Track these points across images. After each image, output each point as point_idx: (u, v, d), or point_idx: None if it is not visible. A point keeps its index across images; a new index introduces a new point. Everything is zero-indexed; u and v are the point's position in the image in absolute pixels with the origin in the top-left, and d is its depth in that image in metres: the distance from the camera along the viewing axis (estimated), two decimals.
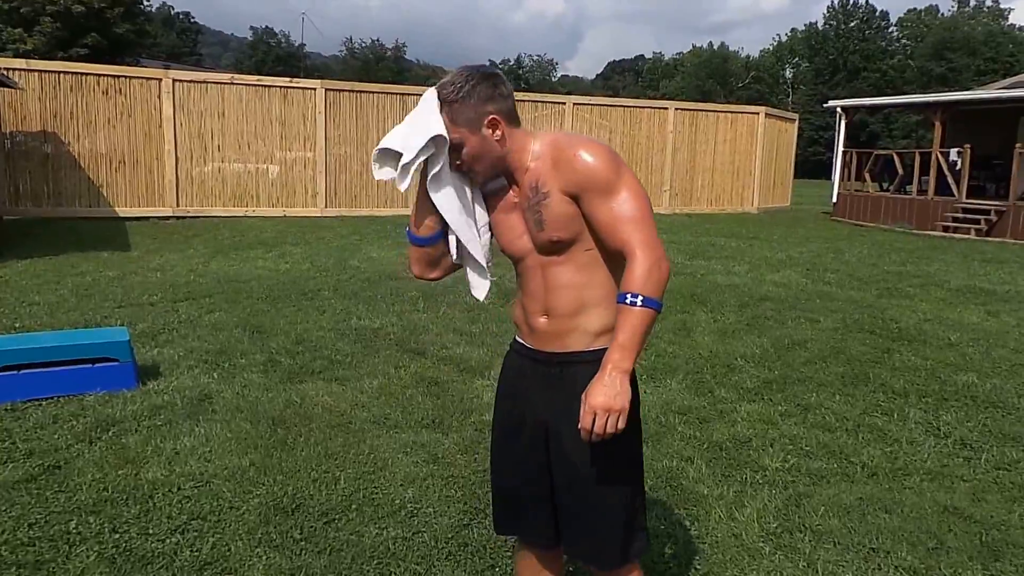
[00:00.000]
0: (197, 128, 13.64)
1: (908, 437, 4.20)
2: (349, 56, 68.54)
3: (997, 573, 2.87)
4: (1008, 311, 7.57)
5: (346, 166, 14.81)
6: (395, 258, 9.70)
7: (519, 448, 2.02)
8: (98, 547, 2.82)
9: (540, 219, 1.86)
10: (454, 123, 1.83)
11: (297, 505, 3.19)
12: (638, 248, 1.77)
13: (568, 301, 1.89)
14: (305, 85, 14.73)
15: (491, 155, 1.88)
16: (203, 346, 5.47)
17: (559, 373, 1.93)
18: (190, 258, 9.35)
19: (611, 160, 1.83)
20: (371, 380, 4.88)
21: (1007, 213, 15.26)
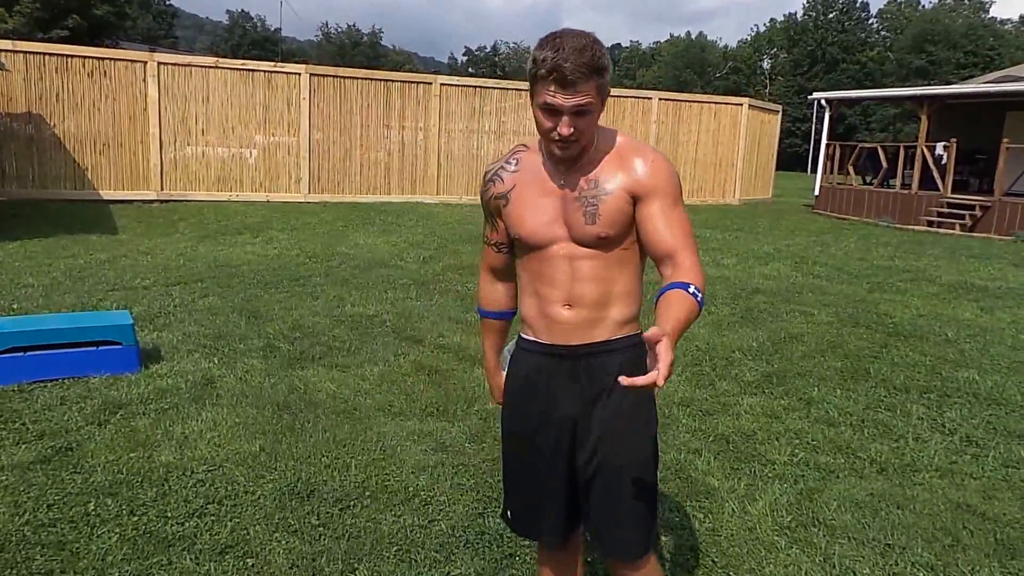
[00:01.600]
0: (181, 112, 13.50)
1: (913, 433, 4.23)
2: (325, 41, 67.99)
3: (1015, 571, 2.89)
4: (1002, 308, 7.67)
5: (329, 152, 14.72)
6: (382, 245, 9.67)
7: (542, 450, 1.98)
8: (119, 529, 2.82)
9: (594, 212, 1.83)
10: (600, 87, 1.75)
11: (311, 491, 3.19)
12: (689, 258, 1.78)
13: (595, 292, 1.88)
14: (289, 70, 14.60)
15: (594, 131, 1.83)
16: (201, 331, 5.43)
17: (586, 365, 1.90)
18: (178, 242, 9.26)
19: (675, 175, 1.86)
20: (371, 367, 4.87)
21: (992, 209, 15.44)
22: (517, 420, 2.04)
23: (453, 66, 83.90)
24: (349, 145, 14.89)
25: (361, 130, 14.96)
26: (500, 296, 2.16)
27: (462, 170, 15.98)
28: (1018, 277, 9.76)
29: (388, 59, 64.12)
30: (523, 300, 2.00)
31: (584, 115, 1.75)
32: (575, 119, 1.74)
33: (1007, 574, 2.88)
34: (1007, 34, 56.25)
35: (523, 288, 1.99)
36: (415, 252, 9.20)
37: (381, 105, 15.07)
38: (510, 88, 16.68)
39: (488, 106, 16.07)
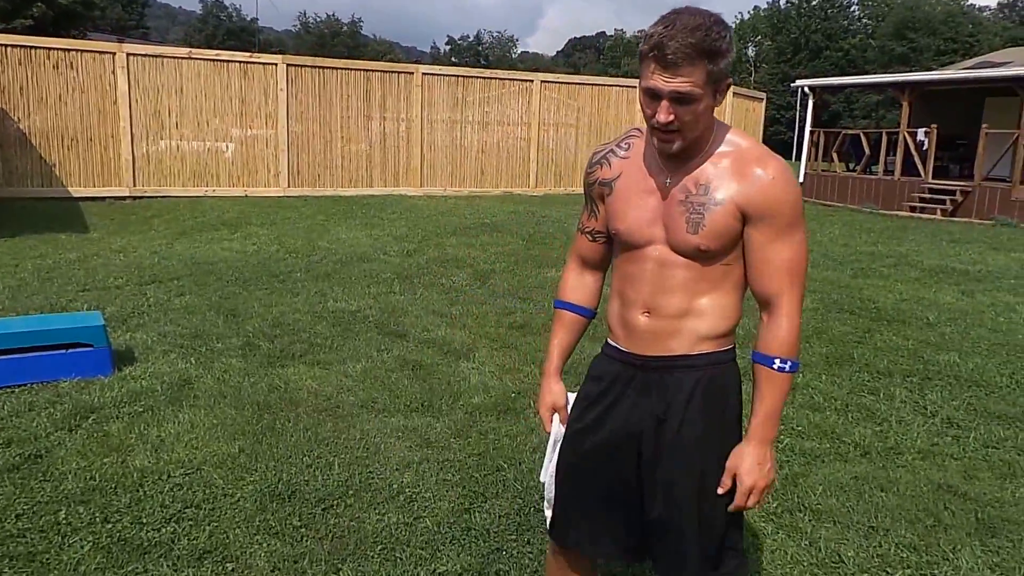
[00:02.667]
0: (153, 105, 13.29)
1: (896, 416, 4.30)
2: (303, 31, 67.49)
3: (995, 549, 2.96)
4: (982, 291, 7.77)
5: (308, 144, 14.59)
6: (364, 239, 9.61)
7: (605, 461, 1.88)
8: (92, 537, 2.77)
9: (699, 222, 1.69)
10: (709, 74, 1.58)
11: (292, 491, 3.16)
12: (788, 305, 1.69)
13: (677, 303, 1.76)
14: (266, 60, 14.43)
15: (705, 125, 1.67)
16: (177, 330, 5.37)
17: (658, 379, 1.80)
18: (152, 239, 9.15)
19: (799, 195, 1.71)
20: (354, 363, 4.83)
21: (972, 193, 15.62)
22: (589, 422, 1.91)
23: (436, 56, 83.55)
24: (329, 137, 14.76)
25: (341, 122, 14.83)
26: (584, 289, 2.03)
27: (445, 161, 15.90)
28: (997, 261, 9.89)
29: (369, 49, 63.66)
30: (610, 305, 1.91)
31: (686, 103, 1.59)
32: (675, 107, 1.60)
33: (987, 552, 2.94)
34: (985, 21, 56.73)
35: (612, 289, 1.90)
36: (398, 245, 9.15)
37: (361, 96, 14.95)
38: (493, 78, 16.62)
39: (471, 96, 15.99)
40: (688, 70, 1.56)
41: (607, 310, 1.92)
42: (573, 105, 16.98)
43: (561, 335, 2.05)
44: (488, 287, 7.15)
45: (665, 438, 1.80)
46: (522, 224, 11.24)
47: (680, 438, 1.79)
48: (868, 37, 60.43)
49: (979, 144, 15.62)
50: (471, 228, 10.69)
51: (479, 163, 16.23)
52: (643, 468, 1.85)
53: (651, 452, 1.82)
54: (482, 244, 9.45)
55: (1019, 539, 3.02)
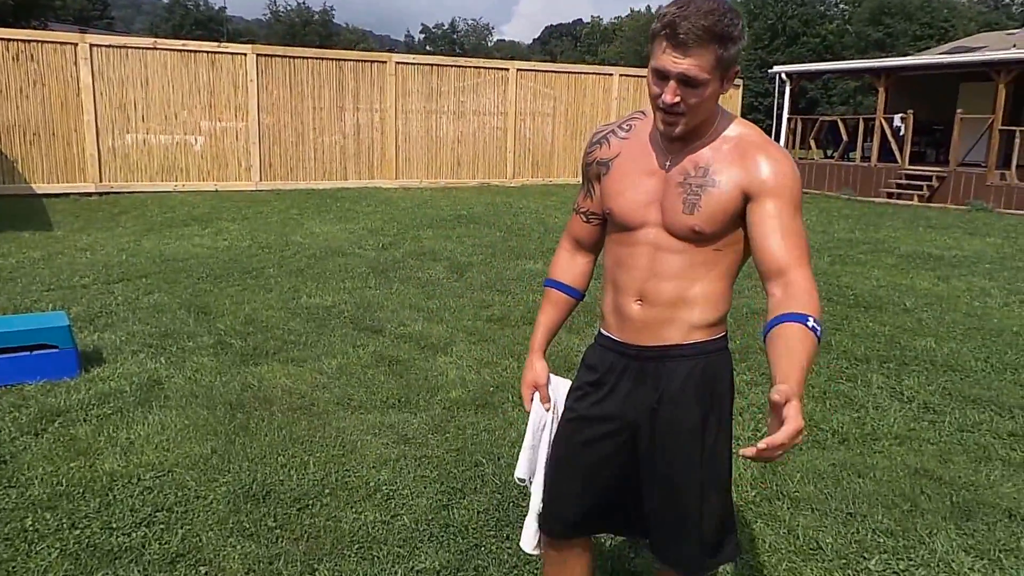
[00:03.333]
0: (118, 97, 13.10)
1: (874, 402, 4.36)
2: (274, 20, 66.85)
3: (970, 532, 3.02)
4: (957, 276, 7.89)
5: (280, 136, 14.46)
6: (339, 233, 9.56)
7: (600, 451, 1.89)
8: (59, 544, 2.74)
9: (695, 203, 1.70)
10: (719, 59, 1.59)
11: (267, 492, 3.15)
12: (804, 277, 1.61)
13: (670, 291, 1.77)
14: (234, 50, 14.27)
15: (709, 111, 1.69)
16: (146, 329, 5.31)
17: (653, 369, 1.82)
18: (119, 236, 9.04)
19: (800, 181, 1.72)
20: (329, 360, 4.82)
21: (948, 179, 15.83)
22: (583, 413, 1.92)
23: (410, 44, 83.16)
24: (302, 129, 14.63)
25: (314, 113, 14.70)
26: (575, 270, 2.05)
27: (421, 153, 15.83)
28: (972, 245, 10.04)
29: (341, 38, 63.27)
30: (603, 293, 1.92)
31: (693, 86, 1.60)
32: (682, 89, 1.61)
33: (963, 535, 3.00)
34: (960, 6, 57.24)
35: (605, 277, 1.91)
36: (374, 239, 9.12)
37: (334, 86, 14.82)
38: (469, 66, 16.54)
39: (446, 85, 15.92)
40: (698, 52, 1.57)
41: (601, 300, 1.93)
42: (550, 94, 16.97)
43: (549, 313, 2.07)
44: (465, 280, 7.14)
45: (660, 427, 1.82)
46: (499, 216, 11.24)
47: (675, 427, 1.81)
48: (845, 23, 60.83)
49: (954, 129, 15.82)
50: (447, 220, 10.67)
51: (455, 154, 16.19)
52: (639, 458, 1.87)
53: (647, 442, 1.84)
54: (459, 236, 9.43)
55: (993, 521, 3.08)
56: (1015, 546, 2.92)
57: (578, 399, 1.95)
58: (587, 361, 1.96)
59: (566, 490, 1.96)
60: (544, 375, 2.06)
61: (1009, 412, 4.24)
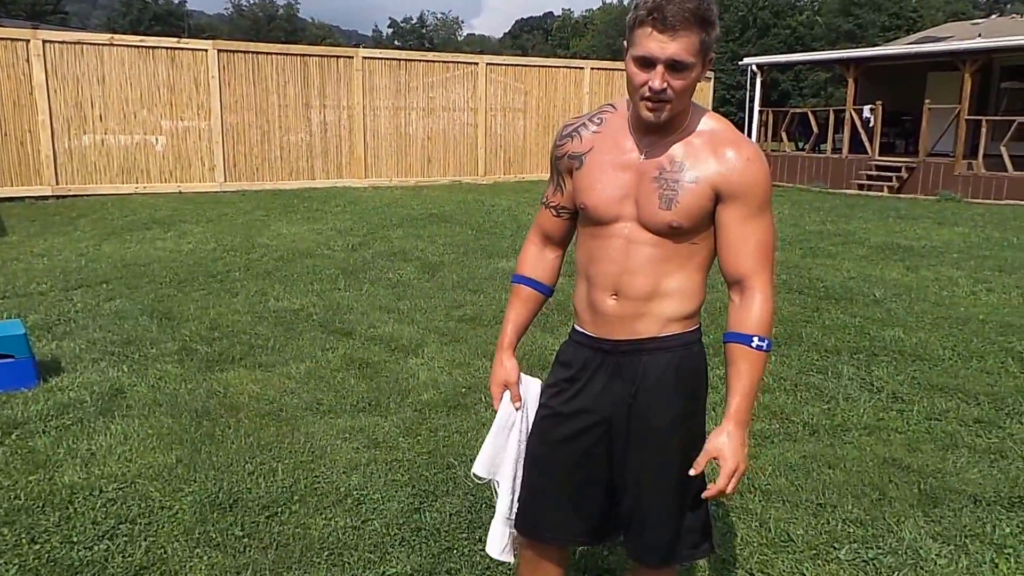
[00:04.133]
0: (74, 95, 12.86)
1: (844, 393, 4.44)
2: (236, 15, 66.20)
3: (936, 519, 3.10)
4: (926, 266, 8.03)
5: (245, 135, 14.32)
6: (307, 234, 9.51)
7: (576, 448, 1.90)
8: (18, 560, 2.71)
9: (672, 198, 1.72)
10: (703, 43, 1.63)
11: (235, 500, 3.14)
12: (760, 284, 1.73)
13: (644, 284, 1.79)
14: (195, 46, 14.09)
15: (690, 96, 1.71)
16: (107, 337, 5.26)
17: (628, 363, 1.83)
18: (78, 241, 8.92)
19: (770, 178, 1.76)
20: (298, 364, 4.80)
21: (917, 169, 16.08)
22: (556, 410, 1.93)
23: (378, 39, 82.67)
24: (267, 127, 14.49)
25: (279, 110, 14.57)
26: (544, 265, 2.05)
27: (390, 150, 15.76)
28: (941, 235, 10.23)
29: (307, 33, 62.77)
30: (576, 288, 1.92)
31: (680, 71, 1.63)
32: (670, 73, 1.63)
33: (930, 522, 3.08)
34: None
35: (577, 272, 1.91)
36: (343, 240, 9.08)
37: (299, 82, 14.70)
38: (437, 61, 16.48)
39: (415, 81, 15.85)
40: (685, 35, 1.60)
41: (574, 295, 1.94)
42: (520, 88, 16.98)
43: (518, 309, 2.06)
44: (437, 280, 7.14)
45: (635, 420, 1.83)
46: (471, 214, 11.24)
47: (651, 419, 1.83)
48: (815, 14, 61.44)
49: (923, 120, 16.07)
50: (418, 219, 10.65)
51: (425, 151, 16.15)
52: (614, 453, 1.88)
53: (622, 437, 1.86)
54: (430, 236, 9.42)
55: (960, 507, 3.16)
56: (980, 531, 3.00)
57: (552, 396, 1.95)
58: (561, 358, 1.97)
59: (542, 489, 1.96)
60: (514, 373, 2.05)
61: (975, 399, 4.35)
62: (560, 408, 1.93)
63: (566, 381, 1.92)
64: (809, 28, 58.55)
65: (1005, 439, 3.84)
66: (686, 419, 1.86)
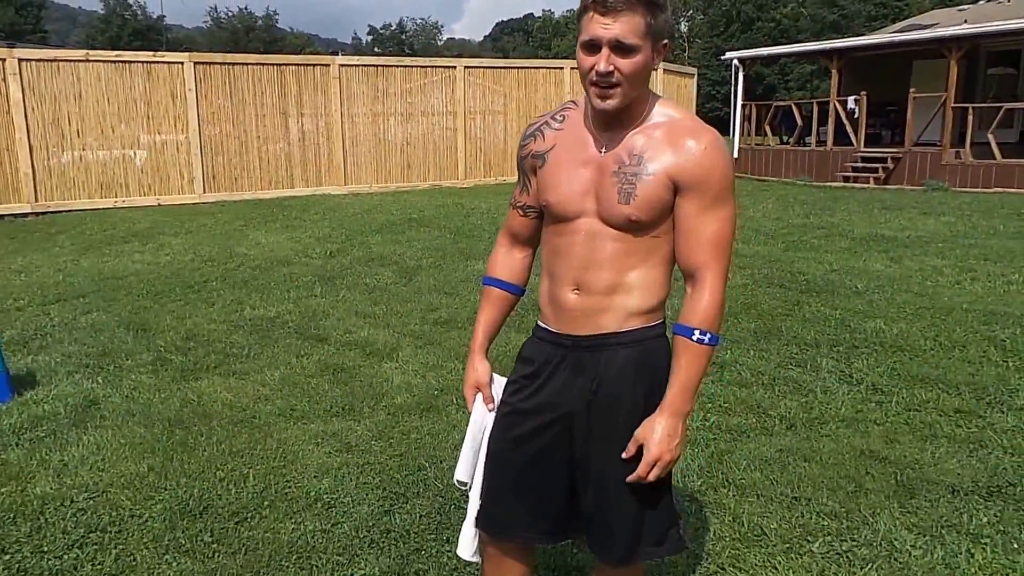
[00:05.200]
0: (52, 112, 12.90)
1: (822, 386, 4.47)
2: (215, 27, 66.22)
3: (913, 510, 3.11)
4: (910, 256, 8.08)
5: (223, 146, 14.34)
6: (285, 242, 9.53)
7: (535, 445, 1.92)
8: None
9: (630, 192, 1.74)
10: (648, 26, 1.64)
11: (205, 507, 3.17)
12: (712, 278, 1.74)
13: (607, 278, 1.81)
14: (171, 59, 14.12)
15: (642, 83, 1.71)
16: (82, 350, 5.29)
17: (590, 357, 1.85)
18: (56, 256, 8.94)
19: (731, 168, 1.77)
20: (272, 371, 4.83)
21: (903, 160, 16.15)
22: (518, 407, 1.94)
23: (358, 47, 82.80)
24: (244, 138, 14.52)
25: (256, 121, 14.60)
26: (513, 265, 2.08)
27: (369, 157, 15.80)
28: (927, 225, 10.28)
29: (286, 43, 62.89)
30: (540, 284, 1.95)
31: (626, 52, 1.64)
32: (616, 56, 1.64)
33: (906, 513, 3.09)
34: None
35: (543, 270, 1.94)
36: (320, 247, 9.11)
37: (276, 92, 14.73)
38: (415, 66, 16.53)
39: (393, 87, 15.89)
40: (628, 17, 1.62)
41: (539, 292, 1.96)
42: (499, 91, 17.03)
43: (488, 311, 2.08)
44: (413, 284, 7.18)
45: (596, 416, 1.85)
46: (450, 217, 11.27)
47: (612, 415, 1.84)
48: (799, 6, 61.70)
49: (908, 109, 16.13)
50: (397, 224, 10.68)
51: (405, 157, 16.18)
52: (575, 449, 1.89)
53: (583, 432, 1.87)
54: (408, 240, 9.45)
55: (936, 498, 3.18)
56: (957, 521, 3.01)
57: (513, 392, 1.97)
58: (523, 354, 1.99)
59: (502, 486, 1.98)
60: (487, 375, 2.07)
61: (956, 389, 4.36)
62: (520, 405, 1.94)
63: (527, 378, 1.94)
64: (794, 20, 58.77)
65: (985, 428, 3.86)
66: (648, 414, 1.85)
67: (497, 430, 2.00)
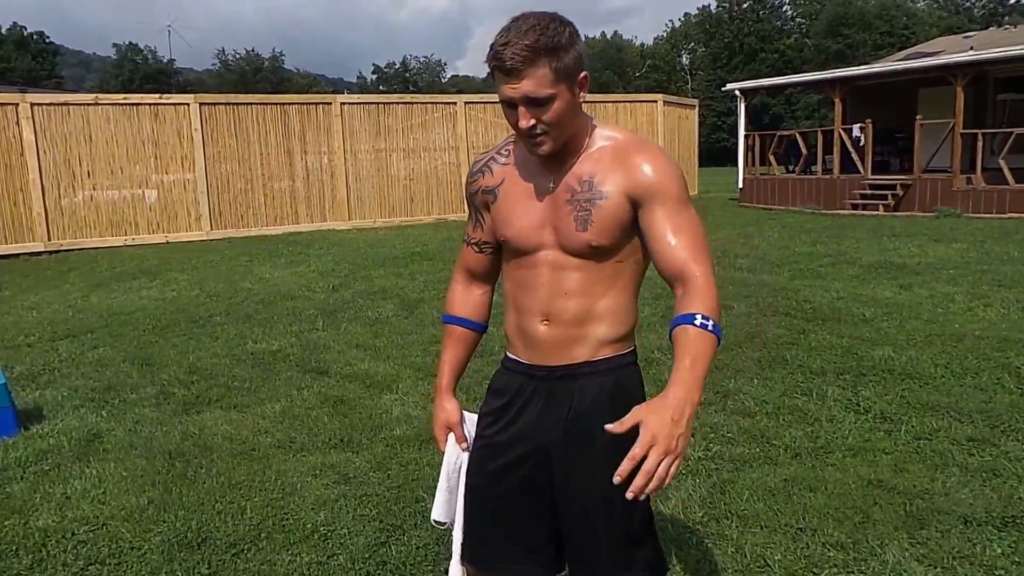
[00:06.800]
0: (63, 154, 13.22)
1: (828, 415, 4.38)
2: (223, 69, 67.22)
3: (923, 540, 3.02)
4: (920, 283, 7.98)
5: (229, 184, 14.57)
6: (289, 277, 9.60)
7: (512, 478, 1.90)
8: None
9: (587, 218, 1.73)
10: (556, 72, 1.62)
11: (203, 539, 3.17)
12: (701, 272, 1.66)
13: (574, 308, 1.79)
14: (177, 101, 14.44)
15: (572, 121, 1.71)
16: (88, 384, 5.34)
17: (563, 388, 1.83)
18: (67, 293, 9.04)
19: (681, 174, 1.76)
20: (272, 404, 4.85)
21: (913, 187, 16.10)
22: (491, 441, 1.93)
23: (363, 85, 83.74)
24: (250, 176, 14.75)
25: (261, 159, 14.84)
26: (472, 302, 2.05)
27: (373, 192, 15.96)
28: (937, 252, 10.19)
29: (293, 83, 63.75)
30: (506, 316, 1.92)
31: (541, 105, 1.64)
32: (532, 110, 1.65)
33: (915, 544, 3.00)
34: (920, 12, 58.75)
35: (506, 301, 1.91)
36: (324, 281, 9.16)
37: (280, 131, 14.99)
38: (416, 103, 16.76)
39: (395, 123, 16.10)
40: (531, 71, 1.61)
41: (505, 323, 1.93)
42: (501, 124, 17.16)
43: (452, 351, 2.07)
44: (415, 316, 7.20)
45: (573, 446, 1.82)
46: (453, 251, 11.25)
47: (588, 444, 1.81)
48: (803, 36, 62.18)
49: (916, 136, 16.11)
50: (400, 258, 10.73)
51: (408, 191, 16.33)
52: (554, 479, 1.86)
53: (561, 462, 1.84)
54: (411, 273, 9.50)
55: (947, 529, 3.08)
56: (970, 552, 2.91)
57: (487, 426, 1.95)
58: (494, 386, 1.97)
59: (483, 520, 1.96)
60: (456, 414, 2.06)
61: (968, 417, 4.23)
62: (495, 438, 1.92)
63: (500, 410, 1.92)
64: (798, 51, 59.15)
65: (999, 457, 3.75)
66: (625, 443, 1.82)
67: (474, 464, 1.98)
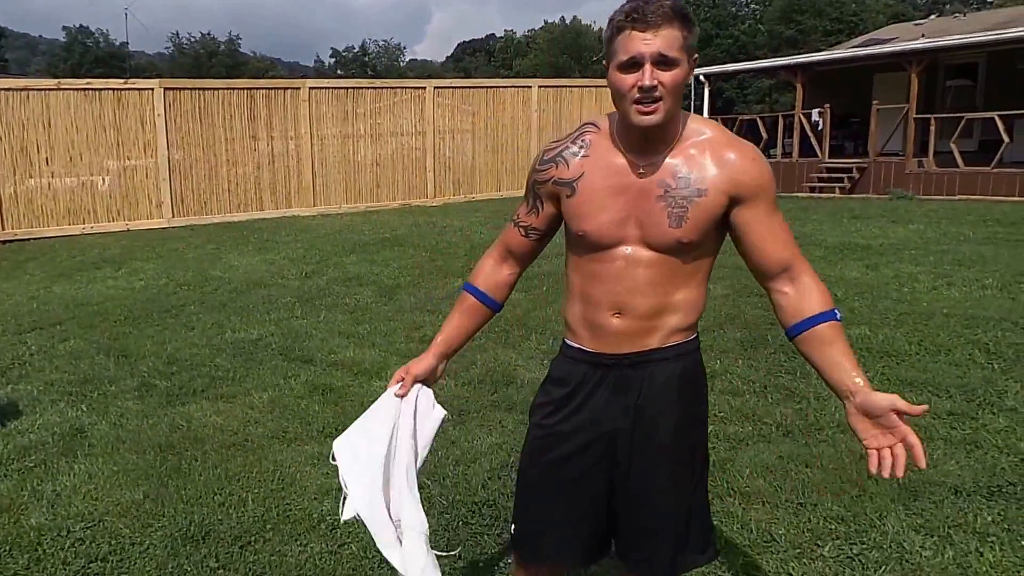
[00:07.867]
0: (19, 141, 12.78)
1: (815, 393, 4.46)
2: (178, 53, 65.70)
3: (918, 511, 3.12)
4: (885, 263, 8.15)
5: (192, 170, 14.24)
6: (259, 264, 9.43)
7: (576, 467, 1.87)
8: None
9: (682, 215, 1.70)
10: (685, 39, 1.64)
11: (206, 532, 3.10)
12: (806, 268, 1.78)
13: (650, 302, 1.78)
14: (141, 86, 14.04)
15: (679, 99, 1.69)
16: (64, 378, 5.18)
17: (632, 375, 1.82)
18: (28, 284, 8.77)
19: (772, 171, 1.79)
20: (260, 394, 4.76)
21: (868, 169, 16.47)
22: (551, 433, 1.89)
23: (320, 69, 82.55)
24: (214, 161, 14.42)
25: (226, 144, 14.51)
26: (498, 280, 1.99)
27: (339, 178, 15.74)
28: (897, 233, 10.40)
29: (249, 67, 62.44)
30: (569, 304, 1.88)
31: (668, 66, 1.62)
32: (658, 71, 1.62)
33: (912, 514, 3.10)
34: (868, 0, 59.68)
35: (570, 291, 1.87)
36: (296, 268, 9.01)
37: (246, 116, 14.67)
38: (384, 87, 16.56)
39: (362, 108, 15.88)
40: (667, 31, 1.61)
41: (566, 311, 1.89)
42: (468, 110, 17.07)
43: (459, 319, 1.99)
44: (394, 303, 7.13)
45: (640, 433, 1.82)
46: (424, 236, 11.23)
47: (656, 431, 1.82)
48: (757, 22, 62.75)
49: (872, 121, 16.47)
50: (371, 244, 10.62)
51: (374, 177, 16.14)
52: (618, 466, 1.85)
53: (625, 447, 1.83)
54: (384, 260, 9.39)
55: (940, 499, 3.19)
56: (963, 521, 3.02)
57: (548, 415, 1.90)
58: (554, 375, 1.92)
59: (540, 511, 1.93)
60: (424, 371, 1.95)
61: (946, 392, 4.38)
62: (559, 427, 1.88)
63: (563, 399, 1.88)
64: (751, 36, 59.70)
65: (979, 430, 3.88)
66: (690, 428, 1.85)
67: (533, 454, 1.94)
